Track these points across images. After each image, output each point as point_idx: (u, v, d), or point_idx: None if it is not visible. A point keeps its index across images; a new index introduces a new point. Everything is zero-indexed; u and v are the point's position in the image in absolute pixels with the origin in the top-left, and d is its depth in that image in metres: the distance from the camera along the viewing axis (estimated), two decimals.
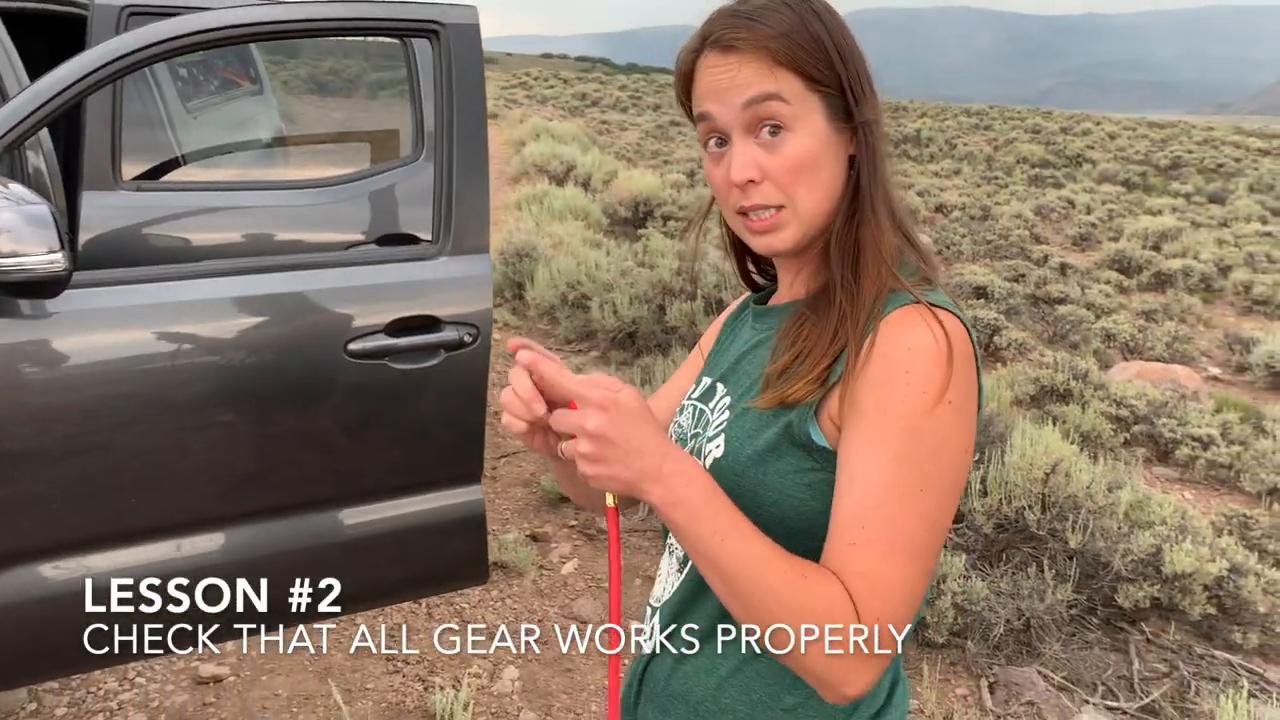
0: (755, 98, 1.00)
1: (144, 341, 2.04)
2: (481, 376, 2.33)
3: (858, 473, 0.93)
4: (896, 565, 0.90)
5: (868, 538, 0.90)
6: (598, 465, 0.87)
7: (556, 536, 3.85)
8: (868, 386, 0.94)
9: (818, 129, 1.01)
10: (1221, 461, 5.11)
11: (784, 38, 1.00)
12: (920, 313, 0.96)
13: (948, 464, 0.94)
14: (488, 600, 3.42)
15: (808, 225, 1.03)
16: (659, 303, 5.89)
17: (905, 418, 0.92)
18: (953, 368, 0.94)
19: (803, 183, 1.01)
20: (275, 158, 4.18)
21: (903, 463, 0.91)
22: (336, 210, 3.02)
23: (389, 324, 2.20)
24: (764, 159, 1.01)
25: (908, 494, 0.91)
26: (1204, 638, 3.47)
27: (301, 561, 2.28)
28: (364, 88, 6.87)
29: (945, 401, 0.93)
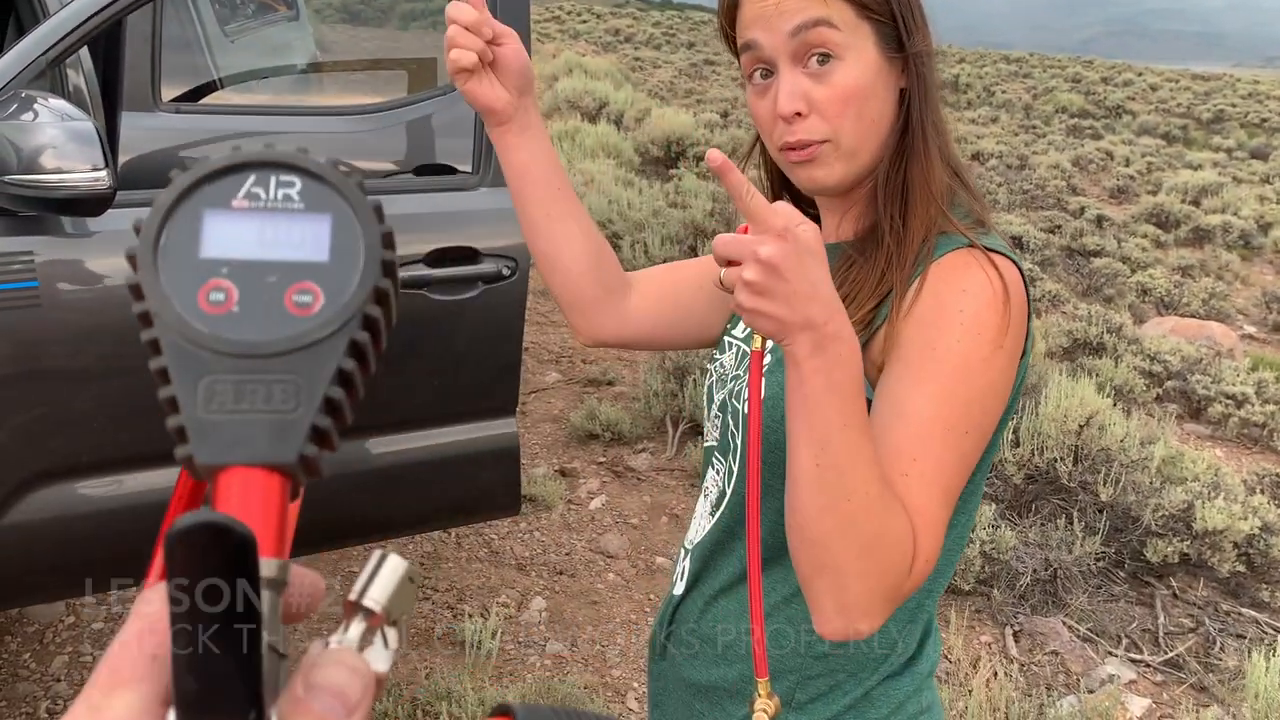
0: (805, 23, 0.95)
1: None
2: (519, 310, 2.32)
3: (908, 406, 0.89)
4: (942, 505, 0.88)
5: (919, 471, 0.87)
6: (760, 299, 0.75)
7: (585, 472, 3.87)
8: (918, 325, 0.91)
9: (869, 58, 0.97)
10: (1255, 420, 5.06)
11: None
12: (974, 256, 0.93)
13: (992, 409, 0.92)
14: (516, 532, 3.45)
15: (852, 161, 0.99)
16: (690, 244, 5.85)
17: (959, 357, 0.89)
18: (1009, 313, 0.91)
19: (851, 114, 0.97)
20: (311, 84, 4.15)
21: (954, 402, 0.89)
22: (373, 138, 3.00)
23: (428, 254, 2.19)
24: (812, 89, 0.96)
25: (954, 435, 0.89)
26: (1231, 595, 3.46)
27: (338, 487, 2.30)
28: (396, 18, 6.80)
29: (999, 347, 0.90)
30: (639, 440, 4.11)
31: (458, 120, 2.92)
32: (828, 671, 1.04)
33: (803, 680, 1.04)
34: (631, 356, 5.12)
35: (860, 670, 1.04)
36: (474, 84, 1.05)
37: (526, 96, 1.10)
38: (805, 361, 0.77)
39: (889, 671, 1.05)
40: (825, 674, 1.04)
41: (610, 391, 4.59)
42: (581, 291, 1.20)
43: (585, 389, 4.65)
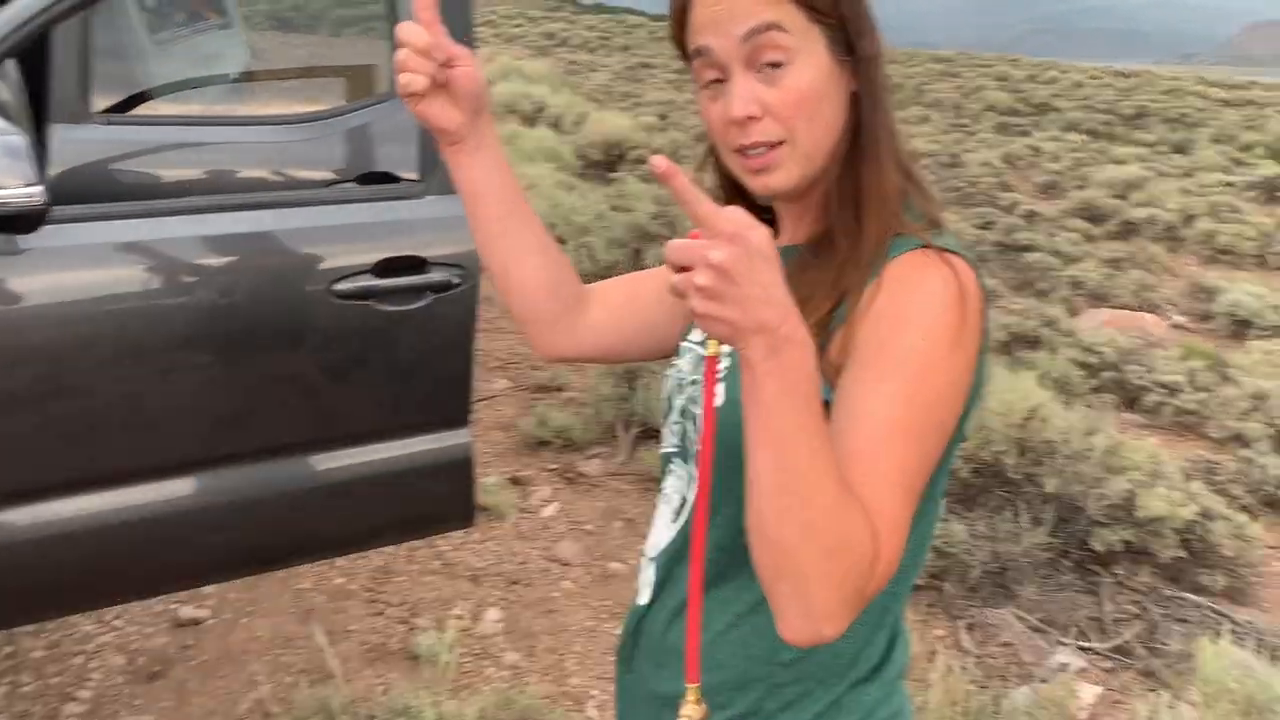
0: (756, 28, 0.95)
1: (124, 279, 1.98)
2: (469, 319, 2.29)
3: (867, 407, 0.89)
4: (903, 505, 0.87)
5: (880, 472, 0.86)
6: (713, 303, 0.74)
7: (537, 480, 3.85)
8: (875, 327, 0.91)
9: (821, 61, 0.97)
10: (1188, 408, 5.19)
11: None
12: (930, 256, 0.94)
13: (952, 409, 0.92)
14: (469, 543, 3.41)
15: (807, 163, 0.99)
16: (635, 247, 5.85)
17: (918, 358, 0.89)
18: (966, 312, 0.92)
19: (804, 116, 0.97)
20: (245, 93, 4.07)
21: (913, 403, 0.89)
22: (311, 147, 2.95)
23: (376, 264, 2.16)
24: (765, 93, 0.97)
25: (914, 435, 0.89)
26: (1172, 580, 3.54)
27: (285, 505, 2.25)
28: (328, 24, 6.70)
29: (957, 346, 0.91)
30: (590, 445, 4.09)
31: (399, 128, 2.87)
32: (796, 680, 1.03)
33: (771, 689, 1.04)
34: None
35: (829, 677, 1.04)
36: (426, 105, 1.04)
37: (481, 116, 1.09)
38: (760, 365, 0.77)
39: (857, 678, 1.05)
40: (793, 682, 1.03)
41: (560, 397, 4.57)
42: (539, 307, 1.19)
43: (535, 395, 4.62)
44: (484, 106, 1.09)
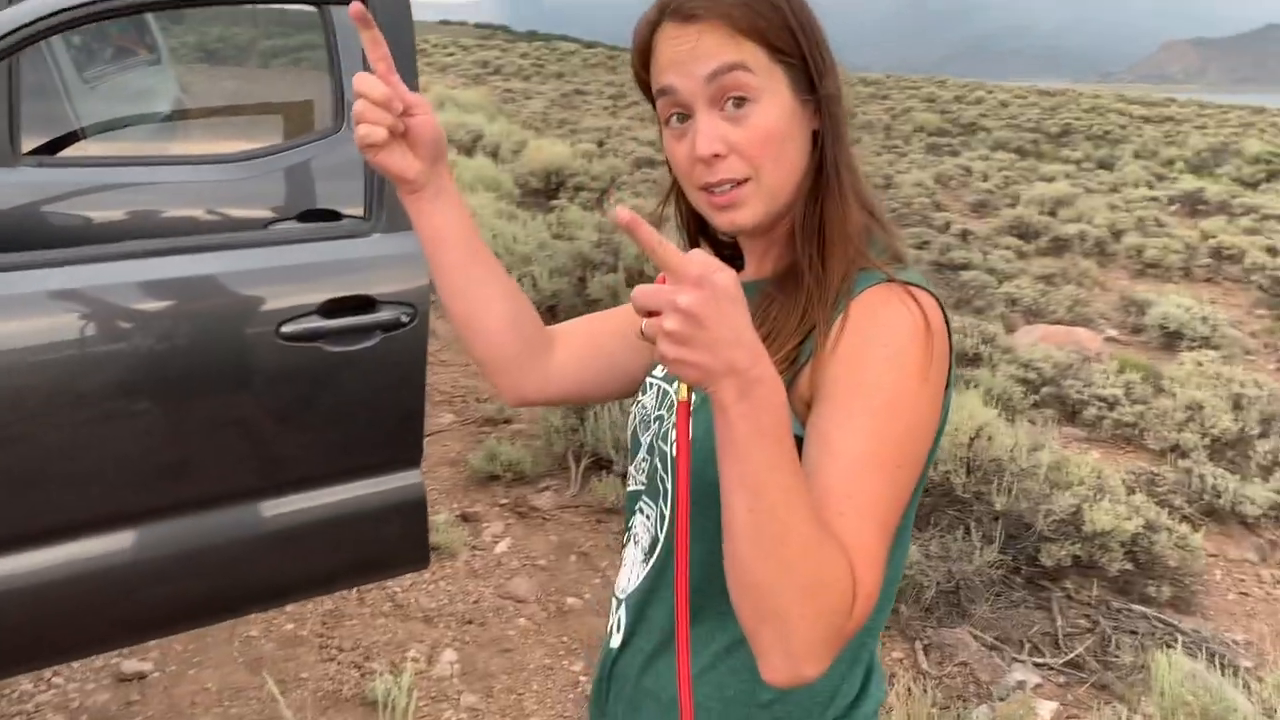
0: (720, 68, 0.96)
1: (60, 328, 1.91)
2: (419, 357, 2.26)
3: (839, 444, 0.89)
4: (879, 540, 0.87)
5: (854, 508, 0.86)
6: (683, 348, 0.74)
7: (487, 516, 3.80)
8: (843, 362, 0.92)
9: (784, 100, 0.98)
10: (1126, 421, 5.30)
11: (745, 6, 0.97)
12: (894, 290, 0.95)
13: (921, 441, 0.93)
14: (420, 583, 3.35)
15: (772, 200, 1.01)
16: (579, 275, 5.84)
17: (887, 393, 0.90)
18: (931, 346, 0.93)
19: (769, 155, 0.98)
20: (178, 130, 3.99)
21: (884, 439, 0.89)
22: (250, 185, 2.89)
23: (322, 305, 2.12)
24: (729, 131, 0.98)
25: (886, 470, 0.89)
26: (1121, 593, 3.60)
27: (234, 554, 2.19)
28: (256, 55, 6.61)
29: (924, 380, 0.92)
30: (541, 478, 4.05)
31: (340, 165, 2.83)
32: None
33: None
34: None
35: (806, 716, 1.03)
36: (385, 155, 1.04)
37: (440, 162, 1.09)
38: (731, 407, 0.76)
39: (835, 715, 1.04)
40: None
41: (508, 430, 4.52)
42: (503, 352, 1.18)
43: (482, 429, 4.57)
44: (442, 153, 1.09)
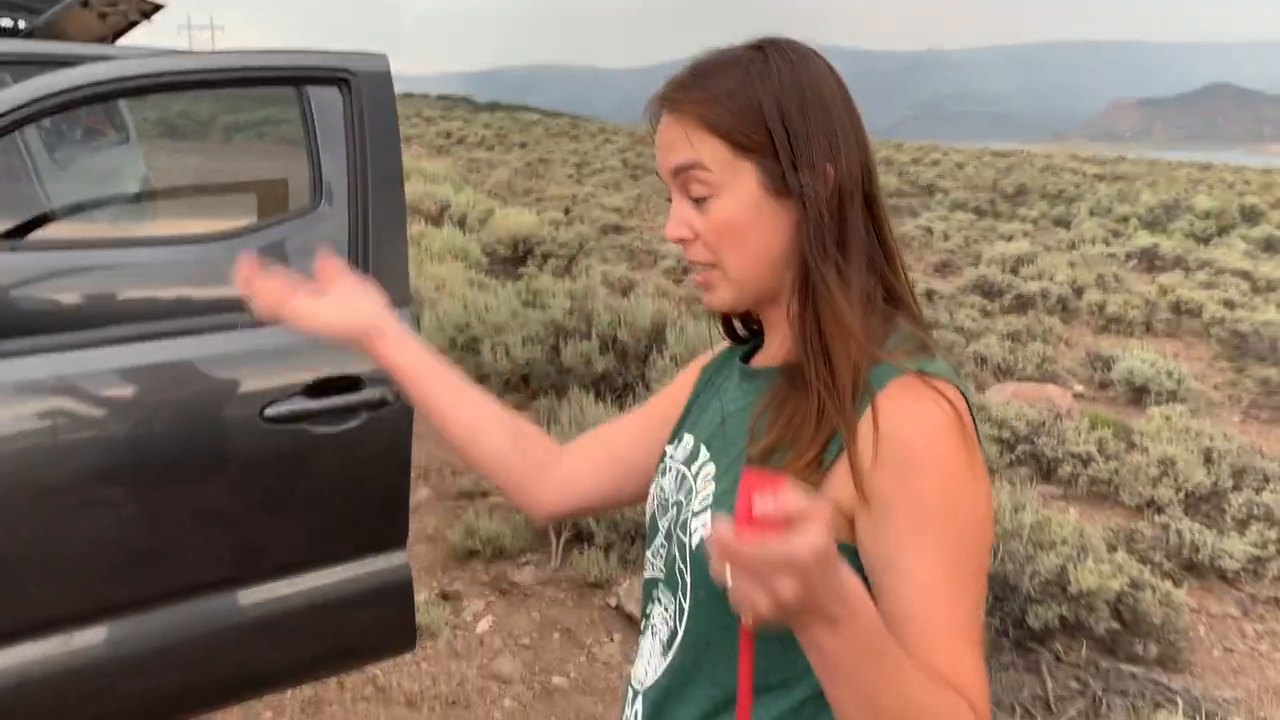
0: (680, 165, 1.00)
1: (50, 415, 1.87)
2: (406, 435, 2.23)
3: (912, 569, 0.89)
4: (977, 655, 0.89)
5: (948, 634, 0.87)
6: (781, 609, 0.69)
7: (468, 593, 3.73)
8: (891, 479, 0.90)
9: (746, 195, 0.99)
10: (1101, 477, 5.33)
11: (714, 102, 0.98)
12: (918, 386, 0.92)
13: (985, 538, 0.92)
14: (402, 665, 3.27)
15: (741, 288, 1.02)
16: (552, 343, 5.82)
17: (942, 503, 0.89)
18: (968, 441, 0.91)
19: (729, 246, 1.00)
20: (149, 210, 3.97)
21: (951, 550, 0.89)
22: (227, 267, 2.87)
23: (308, 386, 2.09)
24: (694, 219, 1.01)
25: (962, 581, 0.89)
26: (1108, 652, 3.59)
27: (218, 644, 2.13)
28: (218, 130, 6.62)
29: (974, 478, 0.91)
30: (521, 553, 3.99)
31: (318, 242, 2.82)
32: None
33: None
34: None
35: None
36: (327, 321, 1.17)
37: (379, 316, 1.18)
38: (827, 643, 0.75)
39: None
40: None
41: (486, 503, 4.46)
42: (510, 471, 1.22)
43: (459, 502, 4.51)
44: (378, 301, 1.19)
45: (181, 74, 2.00)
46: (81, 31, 3.83)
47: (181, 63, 2.03)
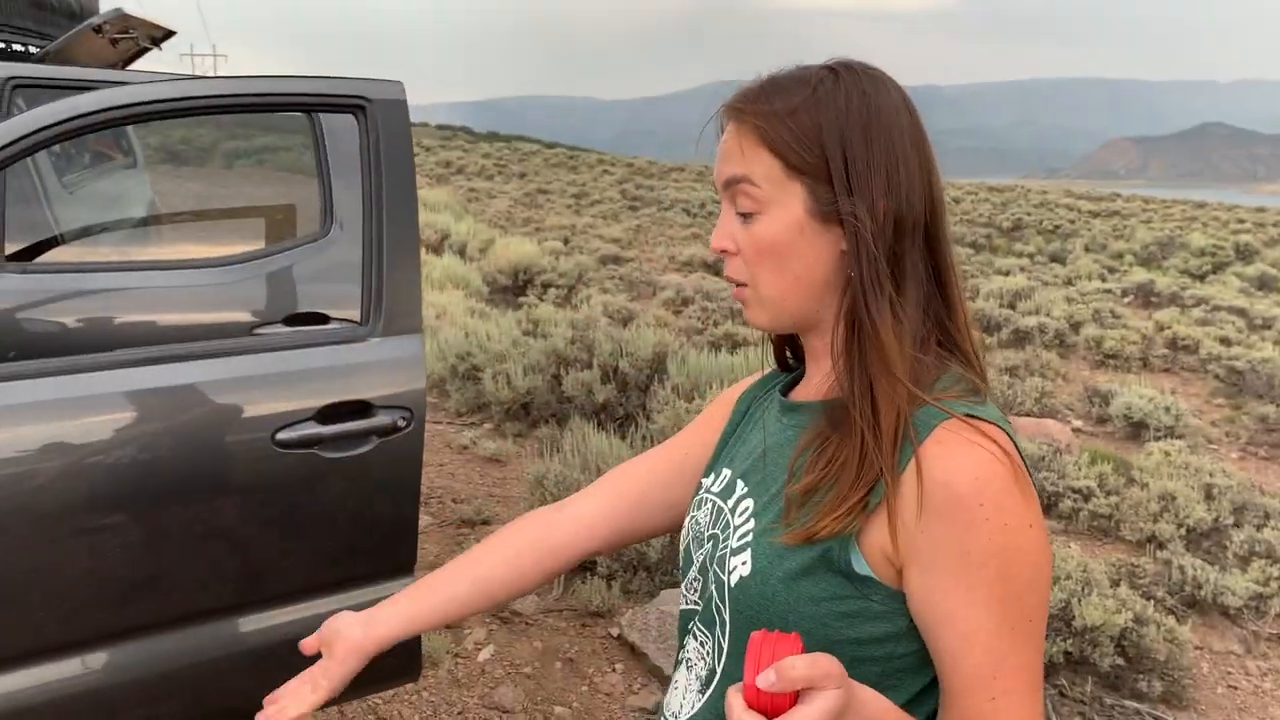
0: (732, 179, 0.99)
1: (60, 437, 1.86)
2: (415, 462, 2.22)
3: (968, 625, 0.88)
4: (1036, 703, 0.89)
5: (1005, 689, 0.87)
6: None
7: (470, 622, 3.70)
8: (938, 527, 0.88)
9: (791, 218, 0.96)
10: (1102, 512, 5.32)
11: (775, 117, 0.96)
12: (966, 431, 0.89)
13: (1044, 585, 0.90)
14: (402, 695, 3.24)
15: (777, 310, 1.00)
16: (554, 372, 5.83)
17: (998, 556, 0.87)
18: (1019, 487, 0.88)
19: (766, 266, 0.98)
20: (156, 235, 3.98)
21: (1008, 604, 0.87)
22: (235, 290, 2.88)
23: (319, 411, 2.09)
24: (739, 233, 1.00)
25: (1020, 632, 0.88)
26: (1112, 688, 3.57)
27: (220, 670, 2.11)
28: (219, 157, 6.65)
29: (1028, 526, 0.88)
30: None
31: (326, 269, 2.84)
32: None
33: None
34: (505, 492, 5.00)
35: None
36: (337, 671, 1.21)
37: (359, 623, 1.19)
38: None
39: None
40: None
41: (486, 531, 4.45)
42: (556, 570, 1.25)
43: (459, 530, 4.49)
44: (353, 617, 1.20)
45: (198, 99, 2.01)
46: (93, 57, 3.86)
47: (198, 88, 2.04)
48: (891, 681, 0.94)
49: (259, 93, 2.11)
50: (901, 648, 0.93)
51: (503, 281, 10.50)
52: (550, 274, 10.59)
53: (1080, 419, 8.33)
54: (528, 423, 5.89)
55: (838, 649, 0.92)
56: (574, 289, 10.40)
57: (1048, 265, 19.08)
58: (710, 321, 9.93)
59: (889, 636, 0.93)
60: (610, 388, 5.61)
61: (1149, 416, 7.54)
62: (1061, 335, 11.18)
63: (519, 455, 5.58)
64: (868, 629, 0.92)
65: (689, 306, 10.85)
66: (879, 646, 0.93)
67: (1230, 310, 12.76)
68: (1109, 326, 11.45)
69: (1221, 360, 9.74)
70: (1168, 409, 7.59)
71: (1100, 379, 9.58)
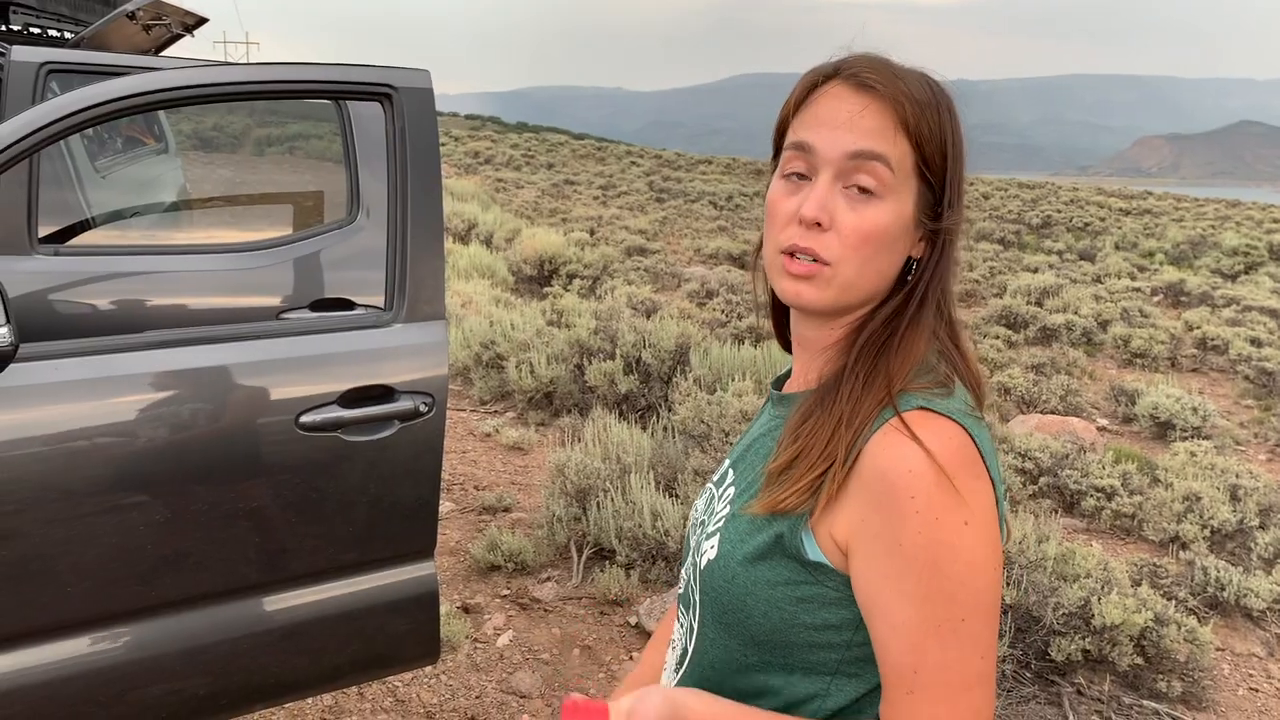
0: (865, 152, 0.94)
1: (91, 416, 1.90)
2: (436, 447, 2.25)
3: (893, 615, 0.89)
4: (959, 703, 0.88)
5: (923, 684, 0.88)
6: None
7: (489, 607, 3.74)
8: (875, 517, 0.89)
9: (903, 212, 0.96)
10: (1125, 511, 5.29)
11: (916, 107, 0.95)
12: (914, 426, 0.90)
13: (981, 585, 0.89)
14: (421, 678, 3.28)
15: (844, 295, 0.97)
16: (576, 362, 5.85)
17: (925, 550, 0.87)
18: (957, 483, 0.87)
19: (861, 254, 0.95)
20: (187, 219, 4.03)
21: (935, 599, 0.87)
22: (262, 275, 2.91)
23: (342, 394, 2.11)
24: (840, 210, 0.94)
25: (949, 629, 0.87)
26: (1130, 688, 3.55)
27: (241, 649, 2.15)
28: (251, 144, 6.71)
29: (960, 524, 0.87)
30: (543, 569, 4.00)
31: (352, 255, 2.87)
32: None
33: None
34: (527, 480, 5.03)
35: None
36: None
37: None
38: None
39: None
40: None
41: (508, 519, 4.48)
42: None
43: (481, 517, 4.52)
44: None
45: (227, 85, 2.04)
46: (126, 43, 3.91)
47: (228, 74, 2.07)
48: (852, 670, 0.96)
49: (287, 79, 2.14)
50: (859, 636, 0.94)
51: (528, 271, 10.53)
52: (575, 264, 10.61)
53: (1106, 418, 8.27)
54: (550, 412, 5.92)
55: (796, 634, 0.95)
56: (599, 280, 10.42)
57: (1077, 263, 18.89)
58: (734, 314, 9.93)
59: (845, 623, 0.94)
60: (633, 378, 5.63)
61: (1175, 416, 7.48)
62: (1089, 333, 11.10)
63: (541, 444, 5.61)
64: (823, 615, 0.94)
65: (713, 299, 10.85)
66: (836, 633, 0.95)
67: (1262, 311, 12.61)
68: (1137, 325, 11.35)
69: (1251, 361, 9.64)
70: (1195, 409, 7.53)
71: (1127, 378, 9.49)
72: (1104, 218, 27.79)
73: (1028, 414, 7.68)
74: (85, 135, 3.77)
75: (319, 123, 4.51)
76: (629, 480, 4.01)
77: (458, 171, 26.66)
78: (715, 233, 19.12)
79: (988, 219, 25.96)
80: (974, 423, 0.94)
